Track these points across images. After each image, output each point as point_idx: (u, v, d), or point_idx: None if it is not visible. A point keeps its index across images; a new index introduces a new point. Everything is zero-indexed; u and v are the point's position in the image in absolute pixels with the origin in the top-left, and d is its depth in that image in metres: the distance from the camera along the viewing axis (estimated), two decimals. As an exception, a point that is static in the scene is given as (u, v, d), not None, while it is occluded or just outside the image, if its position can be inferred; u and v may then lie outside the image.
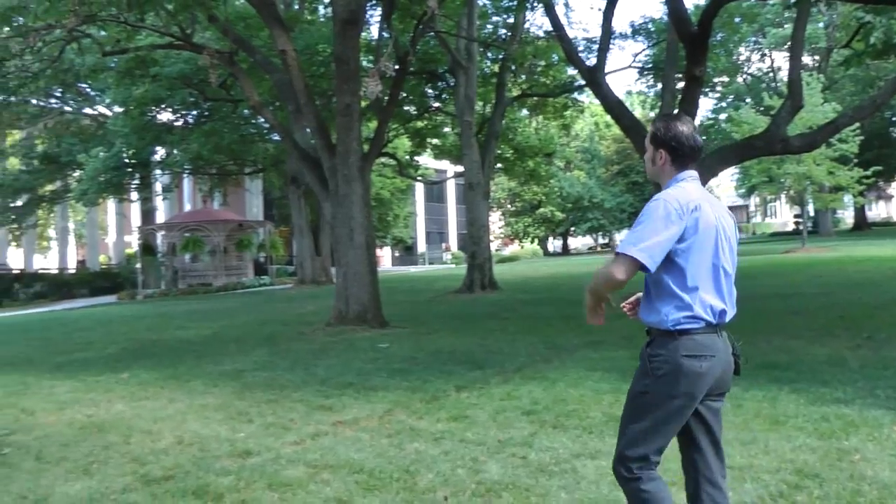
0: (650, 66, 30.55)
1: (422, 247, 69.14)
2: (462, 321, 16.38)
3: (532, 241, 69.90)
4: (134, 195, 42.11)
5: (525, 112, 35.53)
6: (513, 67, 27.86)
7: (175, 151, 35.58)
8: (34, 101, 36.57)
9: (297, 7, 29.29)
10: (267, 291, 32.98)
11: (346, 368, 10.73)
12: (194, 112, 32.80)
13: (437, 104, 31.60)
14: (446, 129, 36.13)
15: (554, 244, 77.91)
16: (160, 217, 47.15)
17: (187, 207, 50.96)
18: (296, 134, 18.09)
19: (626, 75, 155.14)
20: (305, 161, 17.04)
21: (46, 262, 63.53)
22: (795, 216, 66.52)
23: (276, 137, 33.51)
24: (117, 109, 34.42)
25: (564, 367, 9.79)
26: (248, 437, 7.28)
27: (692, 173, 3.73)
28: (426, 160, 44.90)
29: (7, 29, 15.62)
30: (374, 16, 27.64)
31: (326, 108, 24.24)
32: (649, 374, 3.63)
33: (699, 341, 3.57)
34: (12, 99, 27.55)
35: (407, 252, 67.69)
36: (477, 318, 16.74)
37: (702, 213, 3.56)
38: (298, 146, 17.37)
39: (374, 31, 29.74)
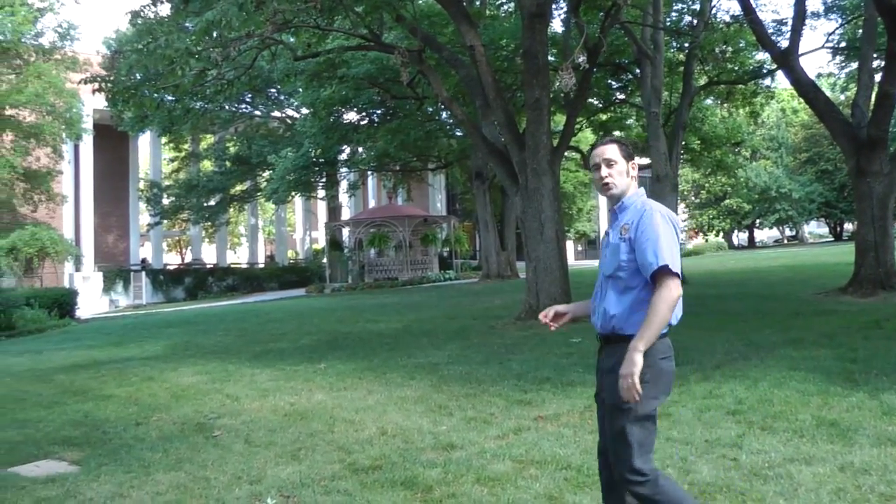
0: (844, 45, 29.15)
1: (604, 241, 68.37)
2: (653, 316, 16.01)
3: (717, 234, 68.04)
4: (321, 192, 43.30)
5: (710, 101, 34.60)
6: (700, 55, 27.09)
7: (360, 150, 36.28)
8: (226, 107, 38.01)
9: (478, 3, 29.33)
10: (452, 286, 33.19)
11: (541, 363, 10.62)
12: (379, 111, 33.35)
13: (621, 96, 31.17)
14: (629, 121, 35.61)
15: (739, 237, 75.73)
16: (345, 213, 48.27)
17: (371, 204, 52.04)
18: (484, 129, 18.09)
19: (815, 58, 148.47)
20: (494, 156, 17.03)
21: (237, 258, 66.09)
22: None
23: (460, 133, 33.76)
24: (305, 111, 35.36)
25: (765, 365, 9.35)
26: (451, 431, 7.28)
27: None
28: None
29: (207, 38, 16.22)
30: (557, 9, 27.49)
31: (510, 102, 24.22)
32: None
33: (667, 343, 3.85)
34: (208, 106, 28.63)
35: (590, 246, 67.11)
36: (668, 313, 16.33)
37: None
38: (487, 141, 17.37)
39: (555, 24, 29.59)
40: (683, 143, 29.38)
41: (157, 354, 15.20)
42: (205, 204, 43.81)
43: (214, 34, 15.80)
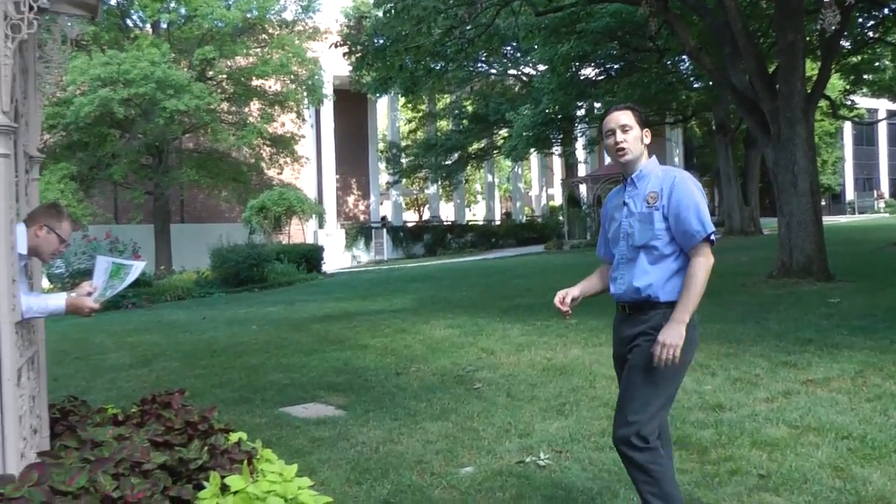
0: None
1: (850, 194, 64.80)
2: (918, 276, 15.00)
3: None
4: (556, 149, 43.16)
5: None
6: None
7: (598, 105, 35.83)
8: (464, 66, 38.42)
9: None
10: (692, 242, 32.34)
11: (801, 323, 10.12)
12: (617, 65, 32.78)
13: (875, 34, 29.08)
14: (878, 63, 33.43)
15: None
16: (581, 170, 47.93)
17: (608, 160, 51.45)
18: (732, 78, 17.35)
19: None
20: (744, 105, 16.31)
21: (473, 215, 66.98)
22: None
23: (698, 85, 32.77)
24: (542, 68, 35.25)
25: None
26: (716, 391, 7.08)
27: None
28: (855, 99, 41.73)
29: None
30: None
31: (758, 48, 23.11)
32: None
33: (695, 313, 3.82)
34: (448, 66, 28.97)
35: (833, 201, 63.68)
36: (935, 273, 15.28)
37: None
38: (737, 90, 16.64)
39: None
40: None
41: (405, 307, 15.55)
42: (443, 162, 44.55)
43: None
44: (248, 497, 3.64)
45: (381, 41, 18.52)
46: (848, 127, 58.19)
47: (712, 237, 3.73)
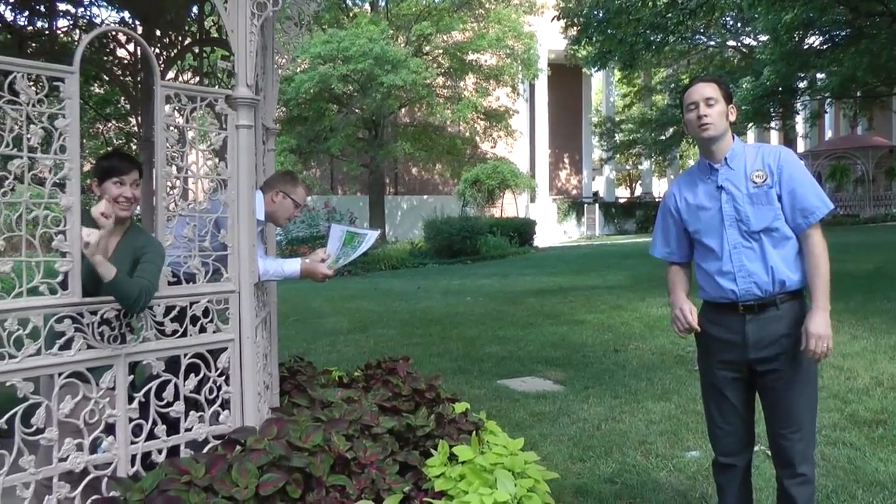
0: None
1: None
2: None
3: None
4: (775, 123, 41.61)
5: None
6: None
7: (820, 75, 34.23)
8: (682, 39, 37.57)
9: None
10: (923, 225, 30.54)
11: None
12: (843, 32, 31.13)
13: None
14: None
15: None
16: (800, 145, 45.98)
17: (828, 134, 49.17)
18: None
19: None
20: None
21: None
22: None
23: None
24: (763, 38, 33.98)
25: None
26: (955, 390, 6.58)
27: None
28: None
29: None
30: None
31: None
32: None
33: None
34: (669, 38, 28.36)
35: None
36: None
37: None
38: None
39: None
40: None
41: (620, 284, 15.33)
42: (657, 138, 43.76)
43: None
44: (476, 468, 3.63)
45: (602, 14, 18.22)
46: None
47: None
